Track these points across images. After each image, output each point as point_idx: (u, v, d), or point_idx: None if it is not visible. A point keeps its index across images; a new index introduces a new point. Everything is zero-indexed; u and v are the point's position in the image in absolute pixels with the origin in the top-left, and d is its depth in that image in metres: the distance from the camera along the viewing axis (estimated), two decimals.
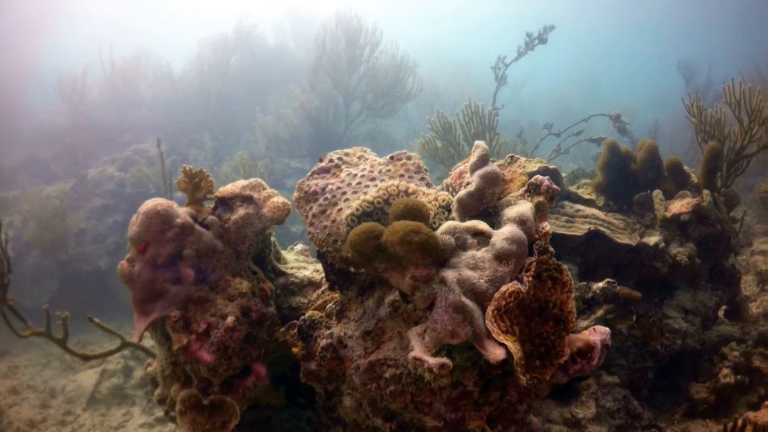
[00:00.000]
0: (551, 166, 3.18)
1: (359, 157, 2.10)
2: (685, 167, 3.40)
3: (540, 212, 1.79)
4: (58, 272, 6.79)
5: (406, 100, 8.23)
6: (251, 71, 11.11)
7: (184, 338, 1.91)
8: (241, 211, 2.12)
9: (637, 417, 2.86)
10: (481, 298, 1.56)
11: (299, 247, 2.81)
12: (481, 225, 1.67)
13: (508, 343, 1.49)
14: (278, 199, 2.12)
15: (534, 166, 3.16)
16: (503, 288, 1.57)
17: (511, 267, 1.61)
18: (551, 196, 1.81)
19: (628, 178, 3.39)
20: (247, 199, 2.17)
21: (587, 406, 2.74)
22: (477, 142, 1.85)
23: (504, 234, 1.63)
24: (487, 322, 1.51)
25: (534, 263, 1.65)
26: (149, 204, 2.04)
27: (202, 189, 2.22)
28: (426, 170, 1.96)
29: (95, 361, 5.49)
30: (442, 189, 2.02)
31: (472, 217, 1.77)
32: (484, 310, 1.55)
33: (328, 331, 1.98)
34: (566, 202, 3.32)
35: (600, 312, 2.81)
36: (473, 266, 1.58)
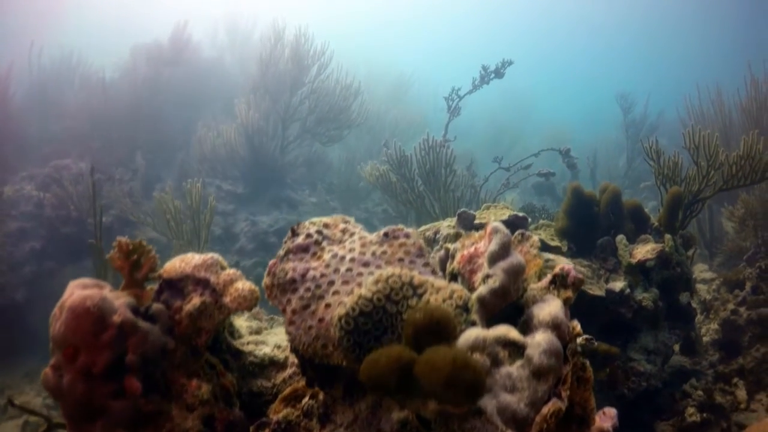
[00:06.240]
0: (521, 214, 2.89)
1: (342, 231, 1.65)
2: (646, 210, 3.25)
3: (566, 307, 1.45)
4: None
5: (351, 126, 7.67)
6: (186, 85, 10.04)
7: None
8: (195, 300, 1.60)
9: None
10: (522, 423, 1.23)
11: None
12: (512, 333, 1.30)
13: None
14: (243, 286, 1.61)
15: (503, 214, 2.86)
16: (544, 410, 1.25)
17: (550, 383, 1.27)
18: (577, 287, 1.48)
19: (592, 222, 3.18)
20: (202, 283, 1.64)
21: None
22: (495, 225, 1.46)
23: (541, 346, 1.27)
24: None
25: (569, 373, 1.33)
26: (75, 297, 1.47)
27: (143, 267, 1.68)
28: (428, 252, 1.55)
29: (15, 411, 4.63)
30: (450, 266, 1.63)
31: (489, 321, 1.40)
32: None
33: None
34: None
35: None
36: (511, 388, 1.23)
